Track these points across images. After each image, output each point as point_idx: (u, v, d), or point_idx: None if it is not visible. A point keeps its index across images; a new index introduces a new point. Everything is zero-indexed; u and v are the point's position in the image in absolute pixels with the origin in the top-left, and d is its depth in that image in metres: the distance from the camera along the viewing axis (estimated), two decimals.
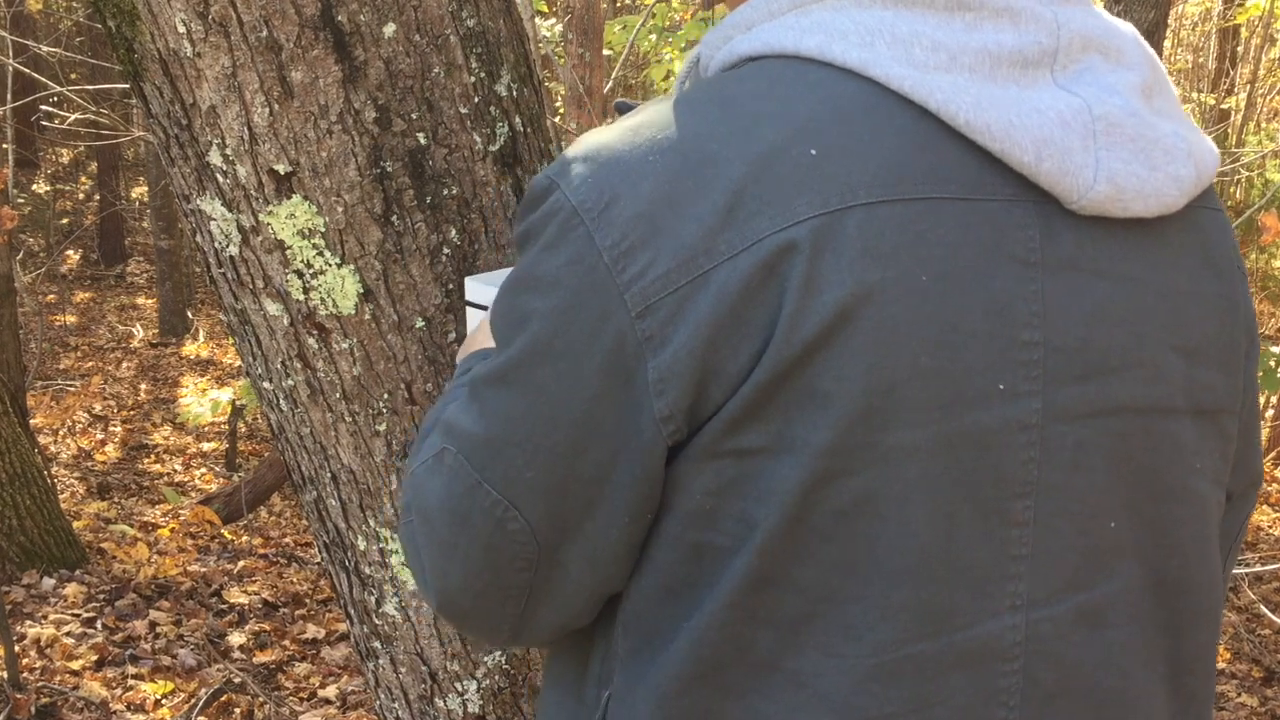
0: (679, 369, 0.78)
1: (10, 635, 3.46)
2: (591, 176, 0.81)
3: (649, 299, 0.78)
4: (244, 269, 1.30)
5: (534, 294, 0.82)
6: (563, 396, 0.81)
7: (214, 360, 10.16)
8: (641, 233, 0.79)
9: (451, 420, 0.89)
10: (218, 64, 1.20)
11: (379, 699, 1.51)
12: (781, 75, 0.82)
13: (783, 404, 0.78)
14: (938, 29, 0.81)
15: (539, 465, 0.84)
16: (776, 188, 0.78)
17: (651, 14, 6.65)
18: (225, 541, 5.59)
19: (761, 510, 0.80)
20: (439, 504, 0.89)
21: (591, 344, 0.80)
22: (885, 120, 0.80)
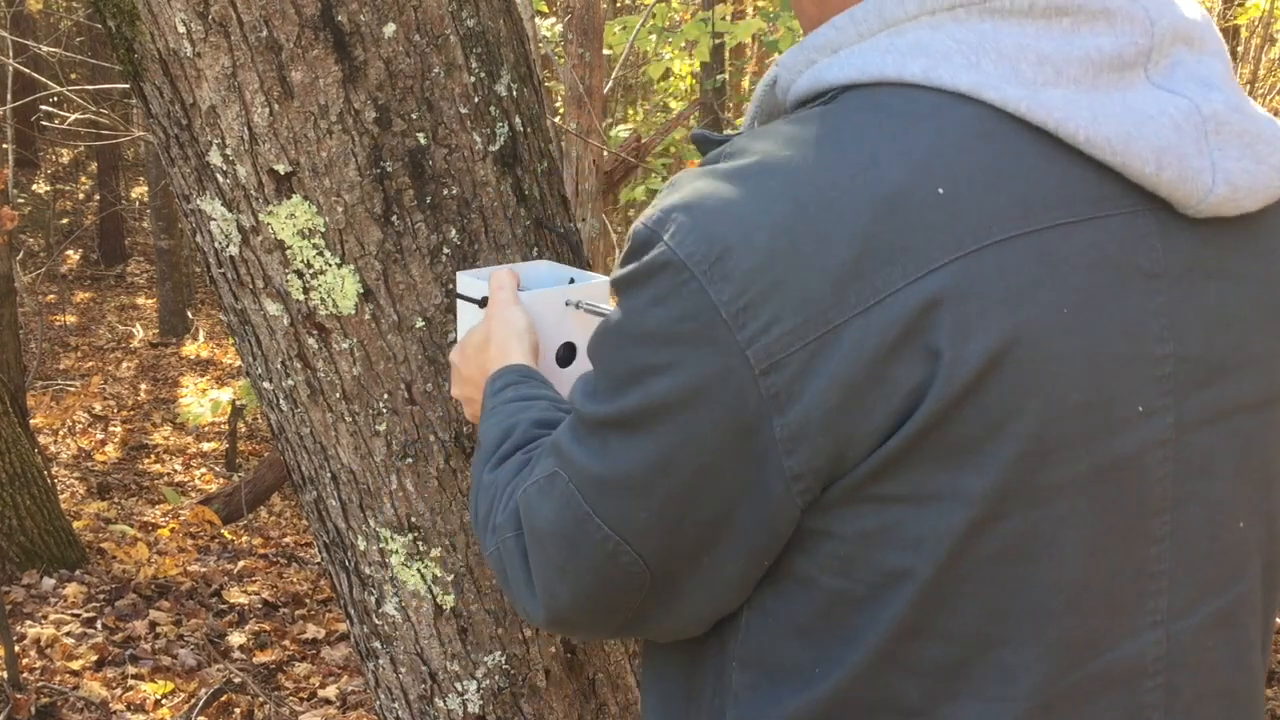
0: (810, 429, 0.76)
1: (10, 635, 3.46)
2: (699, 227, 0.77)
3: (774, 356, 0.75)
4: (244, 269, 1.30)
5: (646, 348, 0.80)
6: (679, 449, 0.80)
7: (214, 360, 10.16)
8: (761, 287, 0.75)
9: (565, 447, 0.88)
10: (218, 64, 1.20)
11: (379, 699, 1.51)
12: (889, 106, 0.78)
13: (930, 454, 0.76)
14: (1039, 39, 0.78)
15: (653, 509, 0.82)
16: (905, 234, 0.74)
17: (651, 14, 6.65)
18: (225, 541, 5.59)
19: (908, 559, 0.78)
20: (550, 527, 0.88)
21: (711, 400, 0.78)
22: (1004, 146, 0.77)
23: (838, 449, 0.76)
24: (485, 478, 1.02)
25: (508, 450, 1.02)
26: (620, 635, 0.94)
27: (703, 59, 7.17)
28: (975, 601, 0.79)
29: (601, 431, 0.84)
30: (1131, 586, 0.81)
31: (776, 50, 7.45)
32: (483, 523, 1.01)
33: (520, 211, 1.35)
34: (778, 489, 0.78)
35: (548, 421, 1.05)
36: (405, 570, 1.39)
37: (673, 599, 0.87)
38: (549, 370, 1.27)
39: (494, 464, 1.02)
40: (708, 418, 0.78)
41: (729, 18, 6.96)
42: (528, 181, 1.36)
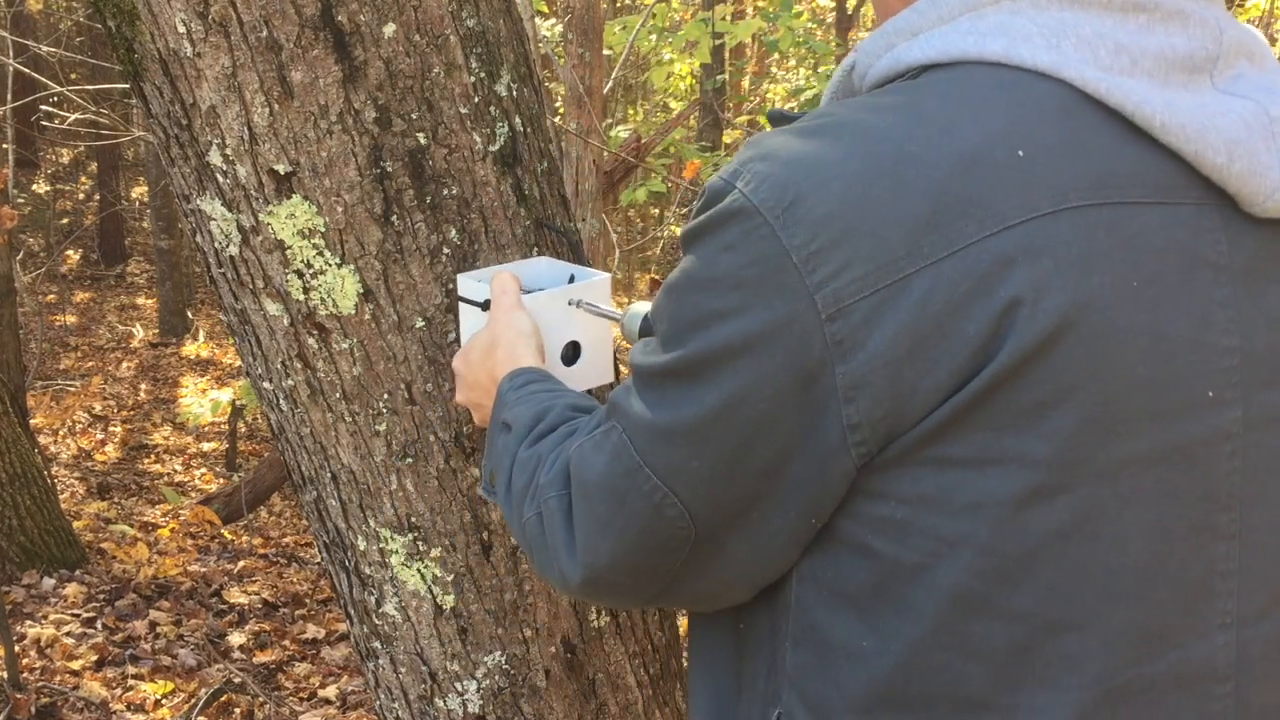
0: (873, 378, 0.76)
1: (10, 635, 3.46)
2: (773, 175, 0.78)
3: (841, 301, 0.75)
4: (244, 269, 1.30)
5: (712, 294, 0.80)
6: (739, 396, 0.80)
7: (214, 360, 10.16)
8: (834, 233, 0.76)
9: (622, 402, 0.88)
10: (218, 64, 1.20)
11: (379, 699, 1.51)
12: (971, 78, 0.79)
13: (994, 416, 0.75)
14: (1116, 31, 0.80)
15: (705, 456, 0.82)
16: (983, 190, 0.75)
17: (651, 14, 6.65)
18: (225, 541, 5.59)
19: (966, 526, 0.77)
20: (599, 480, 0.88)
21: (775, 346, 0.78)
22: (1083, 123, 0.78)
23: (898, 402, 0.76)
24: (523, 454, 1.02)
25: (545, 428, 1.03)
26: (656, 602, 0.93)
27: (703, 59, 7.16)
28: (1038, 579, 0.78)
29: (660, 382, 0.84)
30: (1201, 582, 0.81)
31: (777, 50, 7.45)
32: (520, 494, 1.00)
33: (520, 211, 1.35)
34: (834, 439, 0.78)
35: (582, 407, 1.05)
36: (405, 570, 1.39)
37: (715, 558, 0.87)
38: (554, 370, 1.27)
39: (531, 440, 1.02)
40: (771, 364, 0.78)
41: (729, 18, 6.96)
42: (528, 181, 1.36)
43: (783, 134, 0.82)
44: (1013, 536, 0.77)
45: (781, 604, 0.88)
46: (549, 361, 1.26)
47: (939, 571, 0.79)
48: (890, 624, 0.81)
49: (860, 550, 0.82)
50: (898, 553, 0.80)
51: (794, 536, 0.84)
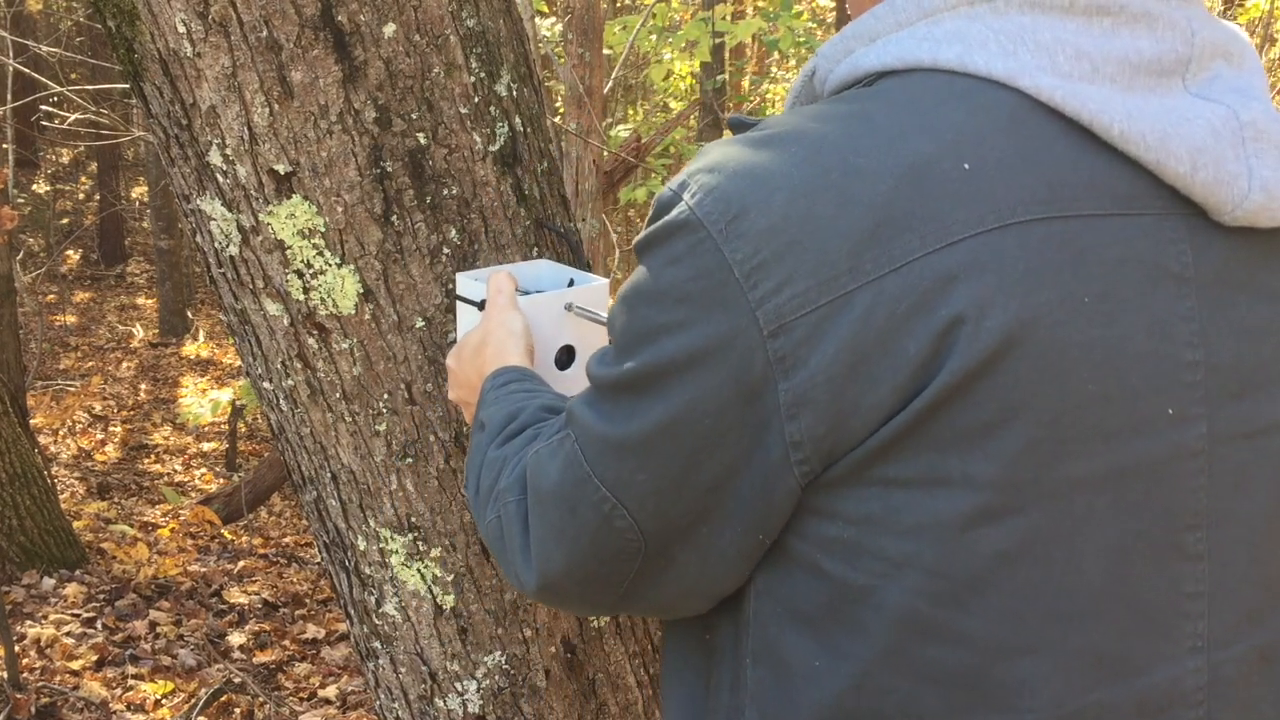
0: (815, 395, 0.75)
1: (10, 635, 3.46)
2: (718, 188, 0.77)
3: (783, 318, 0.75)
4: (244, 269, 1.30)
5: (658, 307, 0.80)
6: (684, 411, 0.79)
7: (214, 360, 10.16)
8: (775, 247, 0.75)
9: (578, 411, 0.88)
10: (218, 64, 1.20)
11: (379, 699, 1.51)
12: (923, 86, 0.78)
13: (938, 436, 0.74)
14: (1078, 35, 0.78)
15: (652, 470, 0.82)
16: (927, 204, 0.74)
17: (651, 14, 6.65)
18: (225, 541, 5.59)
19: (912, 547, 0.76)
20: (553, 488, 0.88)
21: (719, 361, 0.77)
22: (1036, 133, 0.76)
23: (840, 419, 0.75)
24: (491, 454, 1.02)
25: (515, 429, 1.03)
26: (615, 610, 0.93)
27: (703, 59, 7.16)
28: (988, 602, 0.76)
29: (612, 394, 0.84)
30: (1167, 605, 0.79)
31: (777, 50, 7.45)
32: (485, 495, 1.00)
33: (520, 211, 1.35)
34: (777, 456, 0.78)
35: (554, 408, 1.05)
36: (405, 570, 1.39)
37: (666, 571, 0.87)
38: (548, 373, 1.27)
39: (500, 441, 1.02)
40: (715, 379, 0.77)
41: (729, 18, 6.96)
42: (528, 181, 1.36)
43: (733, 143, 0.81)
44: (960, 559, 0.76)
45: (743, 619, 0.87)
46: (543, 365, 1.26)
47: (887, 593, 0.77)
48: (842, 644, 0.80)
49: (812, 569, 0.81)
50: (846, 573, 0.79)
51: (743, 552, 0.84)
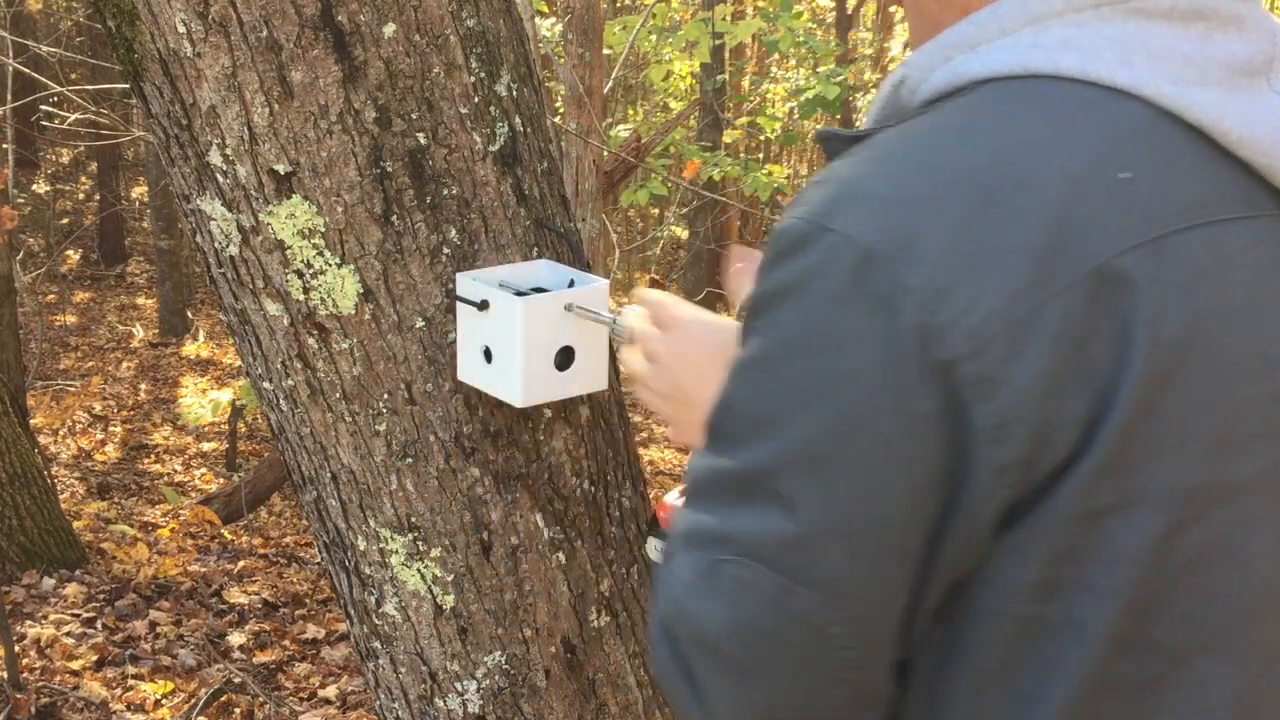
0: (1022, 413, 0.71)
1: (10, 635, 3.46)
2: (877, 213, 0.73)
3: (978, 338, 0.71)
4: (244, 269, 1.30)
5: (828, 355, 0.73)
6: (891, 463, 0.72)
7: (214, 360, 10.16)
8: (958, 268, 0.71)
9: (715, 526, 0.77)
10: (218, 64, 1.20)
11: (379, 699, 1.51)
12: (1052, 96, 0.77)
13: (1133, 453, 0.72)
14: (1180, 41, 0.78)
15: (869, 549, 0.74)
16: (1096, 213, 0.72)
17: (651, 14, 6.65)
18: (225, 541, 5.59)
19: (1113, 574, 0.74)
20: (727, 627, 0.77)
21: (916, 398, 0.71)
22: (1167, 141, 0.76)
23: (1045, 436, 0.72)
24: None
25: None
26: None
27: (703, 59, 7.16)
28: (1175, 611, 0.75)
29: (768, 482, 0.75)
30: None
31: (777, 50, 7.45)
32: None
33: (520, 211, 1.35)
34: (982, 484, 0.72)
35: None
36: (405, 570, 1.39)
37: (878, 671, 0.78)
38: (546, 375, 1.28)
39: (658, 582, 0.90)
40: (911, 421, 0.72)
41: (729, 18, 6.96)
42: (528, 181, 1.36)
43: (861, 165, 0.77)
44: (1156, 574, 0.75)
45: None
46: (542, 365, 1.26)
47: (1090, 624, 0.75)
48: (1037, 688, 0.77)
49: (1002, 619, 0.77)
50: (1041, 612, 0.75)
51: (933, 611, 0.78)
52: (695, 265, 11.03)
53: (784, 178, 8.45)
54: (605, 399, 1.45)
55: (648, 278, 12.24)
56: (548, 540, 1.41)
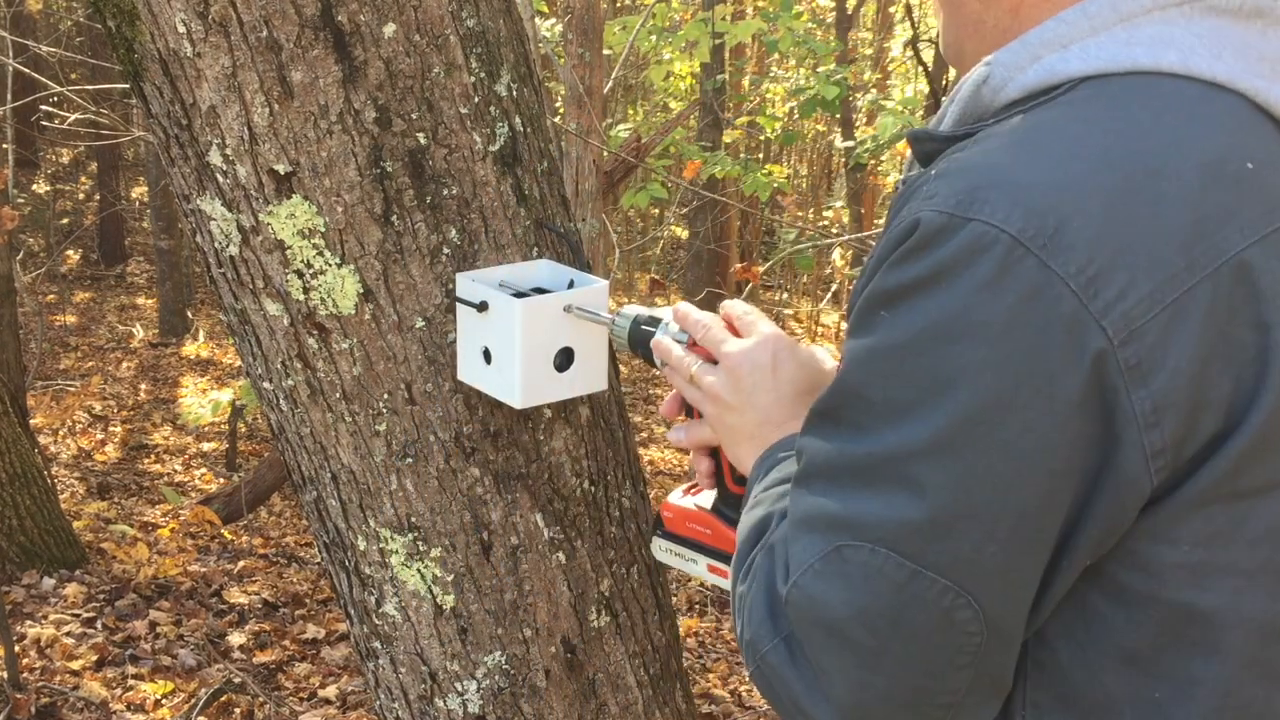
0: (1175, 397, 0.72)
1: (10, 635, 3.46)
2: (1022, 202, 0.73)
3: (1132, 324, 0.71)
4: (244, 269, 1.30)
5: (972, 342, 0.72)
6: (1032, 449, 0.72)
7: (214, 360, 10.16)
8: (1108, 253, 0.72)
9: (842, 510, 0.77)
10: (218, 64, 1.20)
11: (379, 699, 1.51)
12: (1163, 91, 0.78)
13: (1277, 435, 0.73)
14: (1252, 38, 0.80)
15: (1002, 535, 0.74)
16: (1234, 199, 0.74)
17: (651, 14, 6.65)
18: (225, 541, 5.59)
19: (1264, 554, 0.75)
20: (852, 610, 0.77)
21: (1066, 384, 0.72)
22: (1267, 133, 0.79)
23: (1195, 419, 0.73)
24: (738, 591, 0.90)
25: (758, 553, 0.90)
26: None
27: (703, 59, 7.16)
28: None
29: (901, 467, 0.75)
30: None
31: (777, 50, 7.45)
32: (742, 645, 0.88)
33: (520, 211, 1.35)
34: (1133, 472, 0.73)
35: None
36: (405, 570, 1.39)
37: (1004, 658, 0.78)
38: (546, 376, 1.28)
39: (744, 573, 0.90)
40: (1061, 407, 0.72)
41: (729, 18, 6.96)
42: (528, 181, 1.36)
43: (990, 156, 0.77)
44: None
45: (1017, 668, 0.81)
46: (542, 366, 1.26)
47: (1244, 605, 0.76)
48: (1191, 670, 0.77)
49: (1144, 602, 0.77)
50: (1193, 597, 0.76)
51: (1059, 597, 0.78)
52: (695, 265, 11.02)
53: (784, 178, 8.45)
54: (605, 399, 1.45)
55: (648, 278, 12.24)
56: (548, 540, 1.41)
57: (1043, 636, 0.80)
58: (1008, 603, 0.76)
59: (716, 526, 1.19)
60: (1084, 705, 0.80)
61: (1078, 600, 0.78)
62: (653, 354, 1.18)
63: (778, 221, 10.90)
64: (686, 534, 1.24)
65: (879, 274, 0.78)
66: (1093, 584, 0.78)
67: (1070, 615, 0.79)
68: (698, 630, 4.80)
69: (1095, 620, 0.78)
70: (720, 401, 1.05)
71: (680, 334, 1.15)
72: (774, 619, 0.83)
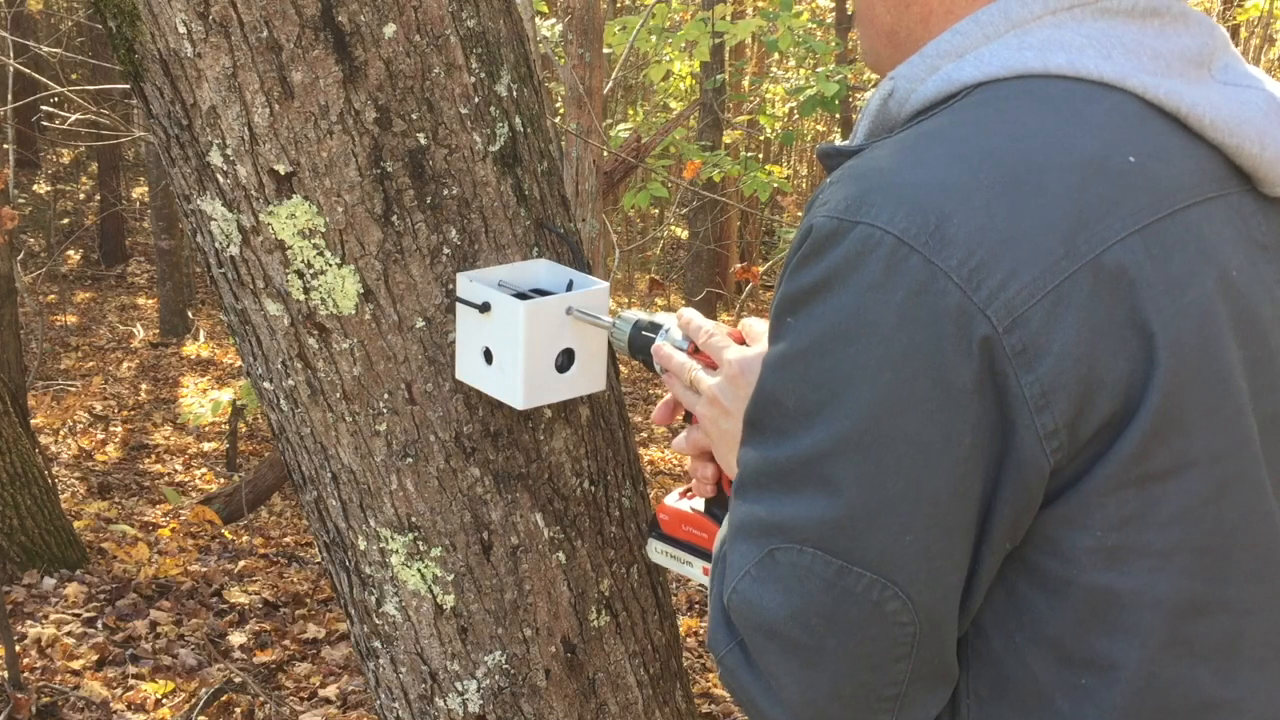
0: (1063, 380, 0.74)
1: (11, 635, 3.47)
2: (905, 202, 0.75)
3: (1015, 311, 0.74)
4: (244, 269, 1.31)
5: (867, 341, 0.75)
6: (935, 439, 0.74)
7: (214, 360, 10.16)
8: (990, 246, 0.74)
9: (767, 516, 0.80)
10: (218, 64, 1.21)
11: (379, 699, 1.51)
12: (1050, 92, 0.81)
13: (1179, 418, 0.75)
14: (1145, 36, 0.83)
15: (919, 525, 0.76)
16: (1115, 191, 0.77)
17: (651, 14, 6.65)
18: (226, 541, 5.59)
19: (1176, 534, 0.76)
20: (788, 611, 0.79)
21: (959, 374, 0.74)
22: (1155, 128, 0.81)
23: (1087, 399, 0.75)
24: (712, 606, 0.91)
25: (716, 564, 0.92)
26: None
27: (702, 59, 7.16)
28: (1239, 565, 0.79)
29: (816, 468, 0.77)
30: None
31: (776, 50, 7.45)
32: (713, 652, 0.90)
33: (520, 212, 1.35)
34: (1029, 454, 0.75)
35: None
36: (405, 570, 1.39)
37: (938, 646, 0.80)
38: (547, 377, 1.28)
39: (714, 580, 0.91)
40: (958, 397, 0.74)
41: (729, 18, 6.96)
42: (528, 182, 1.36)
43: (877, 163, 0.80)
44: (1216, 531, 0.78)
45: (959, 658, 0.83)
46: (543, 367, 1.26)
47: (1159, 586, 0.77)
48: (1113, 652, 0.78)
49: (1062, 587, 0.78)
50: (1111, 580, 0.77)
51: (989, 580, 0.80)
52: (695, 265, 11.02)
53: (784, 177, 8.45)
54: (605, 399, 1.45)
55: (648, 278, 12.24)
56: (548, 540, 1.41)
57: (979, 625, 0.82)
58: (935, 590, 0.78)
59: (712, 530, 1.19)
60: (1019, 693, 0.81)
61: (1006, 587, 0.80)
62: (653, 359, 1.18)
63: (778, 221, 10.90)
64: (682, 537, 1.24)
65: (783, 281, 0.81)
66: (1018, 571, 0.80)
67: (1001, 604, 0.81)
68: (698, 630, 4.80)
69: (1023, 608, 0.80)
70: (718, 406, 1.06)
71: (682, 340, 1.15)
72: (727, 625, 0.86)
